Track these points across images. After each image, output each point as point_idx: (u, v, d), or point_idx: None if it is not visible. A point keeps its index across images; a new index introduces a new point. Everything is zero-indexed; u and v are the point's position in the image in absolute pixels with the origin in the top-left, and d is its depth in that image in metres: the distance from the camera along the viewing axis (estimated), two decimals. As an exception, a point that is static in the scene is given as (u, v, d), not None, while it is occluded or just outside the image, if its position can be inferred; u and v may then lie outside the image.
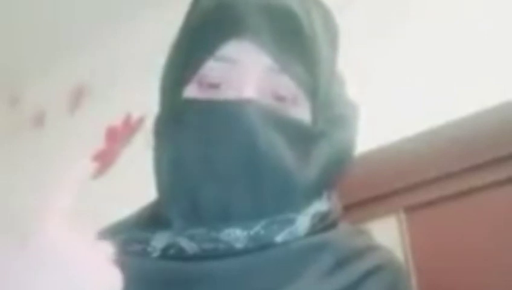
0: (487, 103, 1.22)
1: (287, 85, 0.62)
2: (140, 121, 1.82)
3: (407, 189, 1.32)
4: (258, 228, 0.60)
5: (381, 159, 1.33)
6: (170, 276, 0.60)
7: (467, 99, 1.25)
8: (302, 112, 0.63)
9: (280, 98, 0.62)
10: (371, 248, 0.66)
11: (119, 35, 2.01)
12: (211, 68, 0.62)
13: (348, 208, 0.74)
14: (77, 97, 2.10)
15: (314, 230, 0.64)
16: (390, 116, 1.34)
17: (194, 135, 0.60)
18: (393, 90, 1.37)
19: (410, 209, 1.33)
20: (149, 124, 0.69)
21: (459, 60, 1.31)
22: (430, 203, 1.30)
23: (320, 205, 0.66)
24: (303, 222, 0.63)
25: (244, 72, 0.61)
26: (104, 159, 1.88)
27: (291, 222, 0.62)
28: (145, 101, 0.67)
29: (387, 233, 1.30)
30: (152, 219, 0.66)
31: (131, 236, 0.64)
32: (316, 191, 0.65)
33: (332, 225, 0.67)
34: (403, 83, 1.36)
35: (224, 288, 0.58)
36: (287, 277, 0.59)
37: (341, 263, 0.62)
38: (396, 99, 1.36)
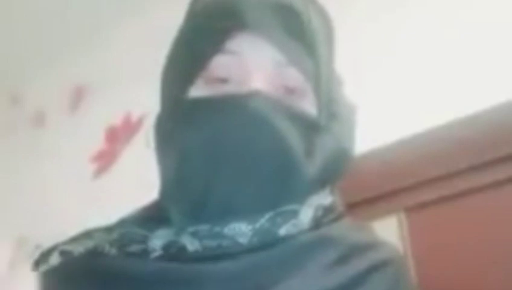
0: (487, 103, 1.22)
1: (295, 77, 0.62)
2: (141, 120, 1.82)
3: (407, 189, 1.32)
4: (262, 221, 0.60)
5: (381, 159, 1.33)
6: (170, 278, 0.59)
7: (467, 99, 1.25)
8: (309, 105, 0.64)
9: (290, 91, 0.62)
10: (374, 244, 0.67)
11: (119, 35, 2.01)
12: (219, 63, 0.62)
13: (348, 208, 0.74)
14: (77, 97, 2.10)
15: (318, 224, 0.64)
16: (390, 117, 1.34)
17: (203, 133, 0.60)
18: (393, 90, 1.37)
19: (410, 209, 1.33)
20: (149, 124, 0.69)
21: (459, 59, 1.30)
22: (430, 203, 1.30)
23: (323, 198, 0.66)
24: (306, 213, 0.63)
25: (252, 66, 0.61)
26: (104, 159, 1.88)
27: (295, 213, 0.62)
28: (145, 101, 0.67)
29: (387, 233, 1.30)
30: (153, 217, 0.65)
31: (129, 233, 0.64)
32: (318, 183, 0.65)
33: (336, 220, 0.67)
34: (402, 83, 1.36)
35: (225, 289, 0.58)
36: (290, 271, 0.59)
37: (344, 258, 0.62)
38: (396, 100, 1.36)
